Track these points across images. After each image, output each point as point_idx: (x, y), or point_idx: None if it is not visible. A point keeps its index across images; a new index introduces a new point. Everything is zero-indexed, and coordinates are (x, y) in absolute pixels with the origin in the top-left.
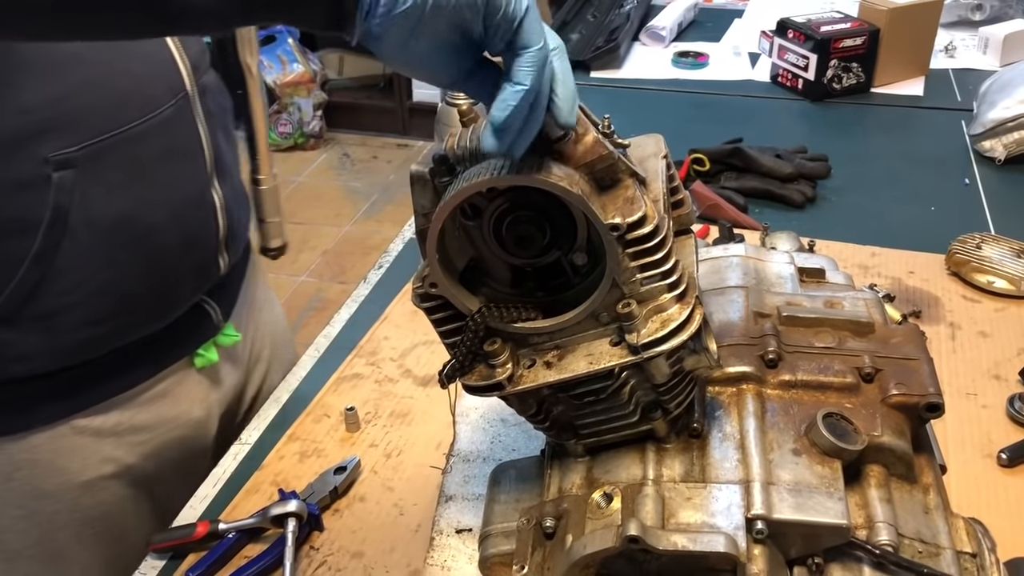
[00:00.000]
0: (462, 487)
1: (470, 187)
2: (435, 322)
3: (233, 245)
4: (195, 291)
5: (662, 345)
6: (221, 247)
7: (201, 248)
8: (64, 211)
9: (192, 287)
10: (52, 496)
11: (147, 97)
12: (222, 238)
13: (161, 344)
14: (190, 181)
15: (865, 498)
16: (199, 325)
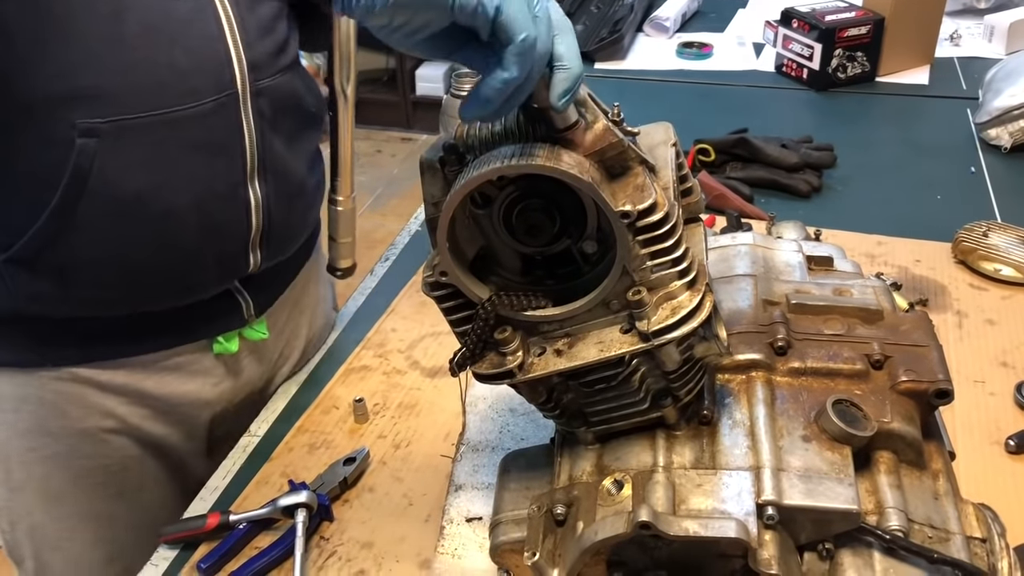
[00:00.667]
0: (472, 476)
1: (481, 175)
2: (445, 311)
3: (272, 245)
4: (219, 281)
5: (673, 332)
6: (254, 244)
7: (228, 241)
8: (83, 175)
9: (216, 276)
10: (53, 435)
11: (186, 89)
12: (255, 236)
13: (180, 321)
14: (221, 175)
15: (875, 484)
16: (226, 313)
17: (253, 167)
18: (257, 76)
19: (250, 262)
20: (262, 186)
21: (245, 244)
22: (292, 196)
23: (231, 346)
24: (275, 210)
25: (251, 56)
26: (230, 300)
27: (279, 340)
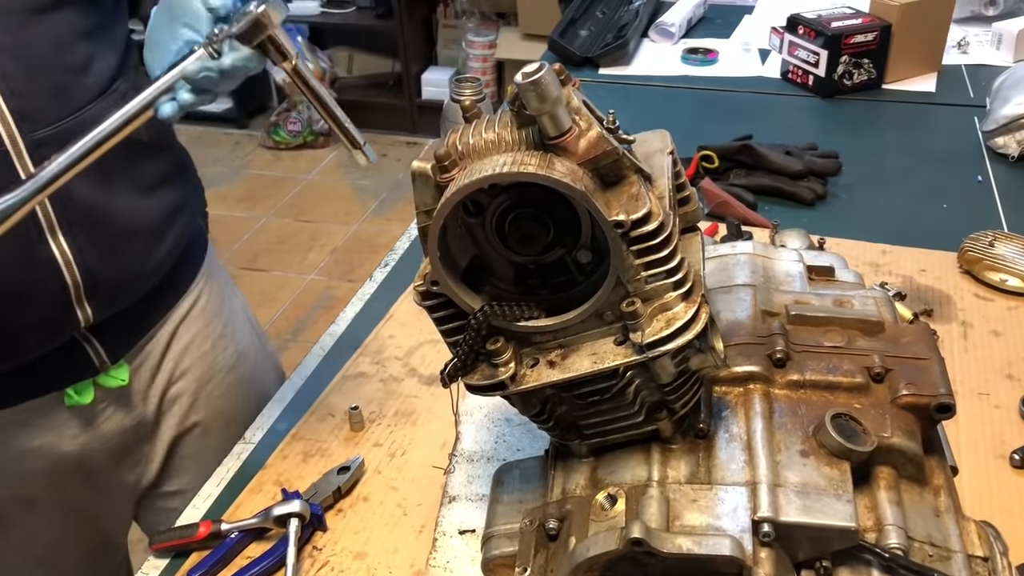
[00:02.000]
0: (466, 487)
1: (472, 183)
2: (437, 321)
3: (104, 296)
4: (45, 342)
5: (667, 344)
6: (78, 300)
7: (39, 304)
8: None
9: (38, 339)
10: None
11: None
12: (75, 292)
13: (18, 378)
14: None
15: (874, 500)
16: (72, 365)
17: (51, 223)
18: (33, 127)
19: (79, 319)
20: (69, 240)
21: (65, 303)
22: (118, 242)
23: (83, 398)
24: (95, 261)
25: (20, 106)
26: (76, 350)
27: (155, 381)
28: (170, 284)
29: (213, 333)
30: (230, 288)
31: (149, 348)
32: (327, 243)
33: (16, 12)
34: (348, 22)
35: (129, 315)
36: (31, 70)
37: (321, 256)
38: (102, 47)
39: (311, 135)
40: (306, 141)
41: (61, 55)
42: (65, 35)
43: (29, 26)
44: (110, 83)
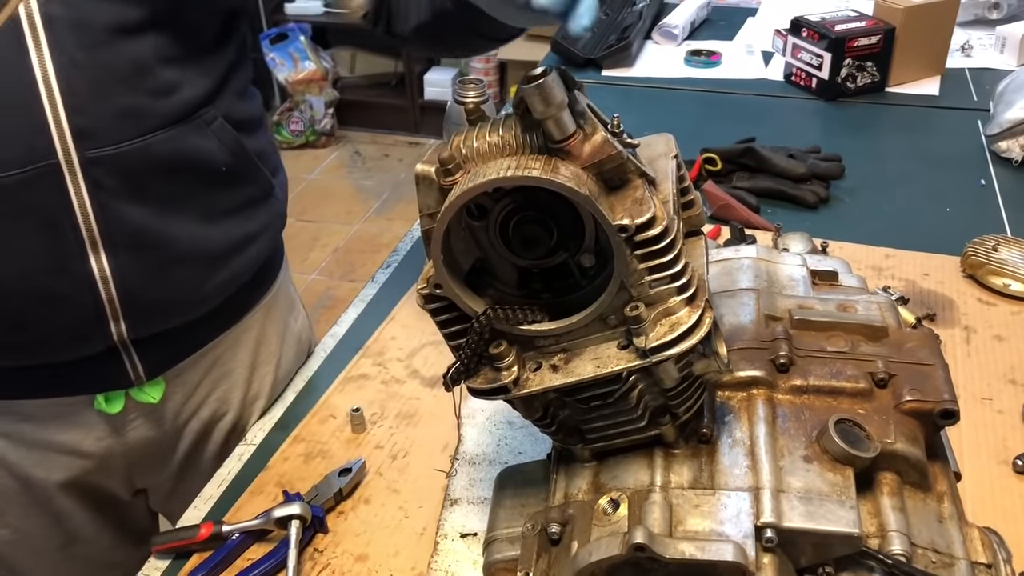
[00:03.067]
0: (468, 490)
1: (476, 187)
2: (440, 324)
3: (138, 316)
4: (74, 350)
5: (671, 349)
6: (114, 316)
7: (70, 313)
8: None
9: (68, 346)
10: None
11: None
12: (107, 309)
13: (50, 375)
14: (47, 248)
15: (877, 506)
16: (107, 372)
17: (93, 240)
18: (91, 145)
19: (111, 332)
20: (110, 259)
21: (97, 317)
22: (166, 265)
23: (112, 407)
24: (135, 281)
25: (80, 123)
26: (114, 360)
27: (190, 401)
28: (224, 311)
29: (257, 361)
30: (293, 312)
31: (189, 370)
32: (329, 243)
33: (97, 30)
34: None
35: (173, 335)
36: (101, 89)
37: (323, 256)
38: (193, 74)
39: (313, 134)
40: (308, 140)
41: (140, 78)
42: (148, 58)
43: (108, 45)
44: (195, 110)
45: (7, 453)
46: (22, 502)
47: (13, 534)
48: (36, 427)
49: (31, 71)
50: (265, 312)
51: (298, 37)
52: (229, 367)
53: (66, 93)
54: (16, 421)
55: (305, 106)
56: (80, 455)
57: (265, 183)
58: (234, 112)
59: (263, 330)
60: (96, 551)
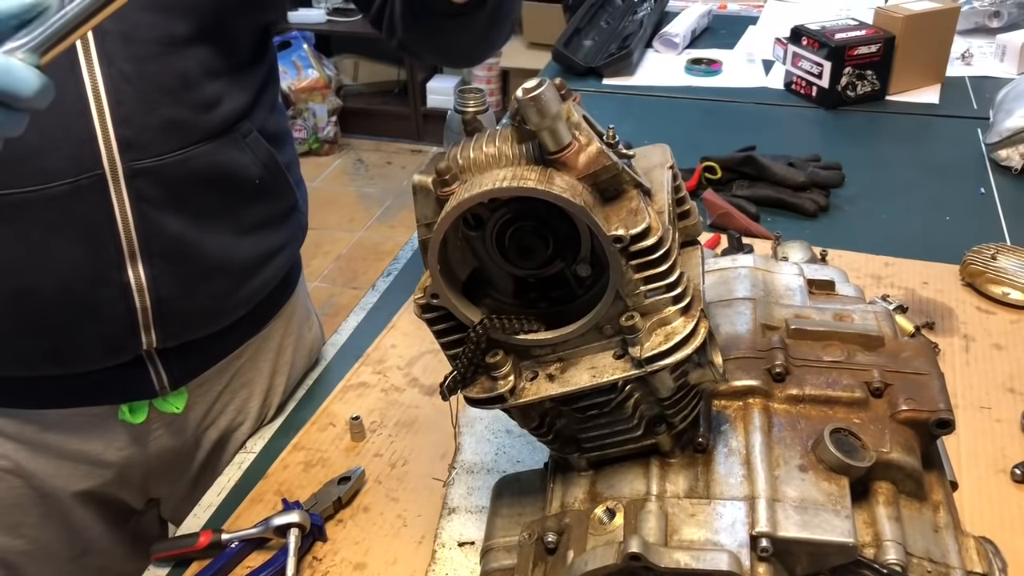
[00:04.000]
0: (465, 499)
1: (472, 197)
2: (437, 333)
3: (170, 326)
4: (104, 358)
5: (666, 359)
6: (145, 326)
7: (105, 322)
8: None
9: (100, 353)
10: None
11: (35, 169)
12: (141, 318)
13: (76, 385)
14: (88, 258)
15: (873, 516)
16: (131, 382)
17: (132, 251)
18: (135, 156)
19: (142, 342)
20: (147, 269)
21: (130, 325)
22: (201, 276)
23: (136, 417)
24: (170, 291)
25: (126, 134)
26: (139, 369)
27: (212, 411)
28: (248, 321)
29: (276, 370)
30: (308, 322)
31: (211, 380)
32: (331, 250)
33: (147, 43)
34: (354, 30)
35: (197, 345)
36: (148, 102)
37: (325, 263)
38: (233, 88)
39: (316, 142)
40: (311, 148)
41: (186, 91)
42: (195, 72)
43: (158, 58)
44: (234, 123)
45: (28, 463)
46: (39, 512)
47: (29, 544)
48: (59, 436)
49: (82, 83)
50: (285, 322)
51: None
52: (249, 377)
53: (114, 105)
54: (39, 431)
55: (308, 114)
56: (101, 465)
57: (291, 196)
58: (267, 126)
59: (282, 340)
60: (108, 561)
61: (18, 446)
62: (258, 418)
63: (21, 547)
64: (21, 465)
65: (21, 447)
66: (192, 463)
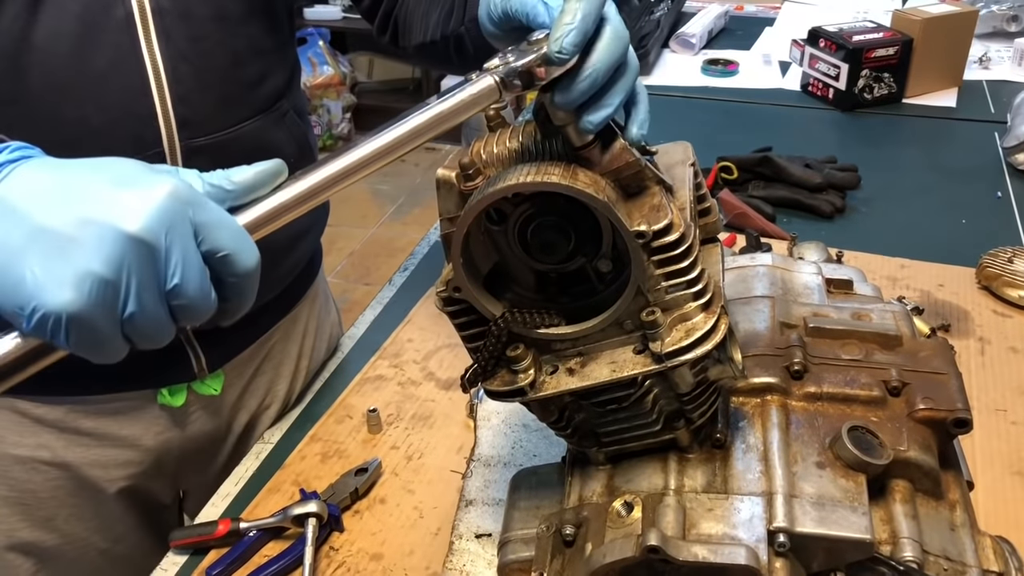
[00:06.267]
0: (482, 491)
1: (496, 192)
2: (458, 326)
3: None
4: None
5: (686, 354)
6: None
7: None
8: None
9: None
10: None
11: (99, 148)
12: None
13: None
14: None
15: (890, 513)
16: (174, 365)
17: None
18: (192, 134)
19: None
20: None
21: None
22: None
23: (176, 400)
24: None
25: (184, 112)
26: (179, 352)
27: (245, 393)
28: (279, 302)
29: (302, 352)
30: (327, 305)
31: (245, 363)
32: (344, 247)
33: (203, 20)
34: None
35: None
36: (204, 79)
37: (338, 259)
38: (275, 66)
39: (331, 139)
40: (325, 145)
41: (236, 68)
42: (244, 49)
43: (211, 36)
44: (275, 101)
45: (66, 453)
46: (74, 504)
47: (60, 538)
48: (99, 422)
49: (143, 62)
50: (310, 305)
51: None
52: (279, 359)
53: (173, 82)
54: (80, 417)
55: (323, 110)
56: (139, 450)
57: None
58: (298, 105)
59: (307, 323)
60: (134, 554)
61: (59, 435)
62: (284, 401)
63: (53, 540)
64: (60, 455)
65: (61, 435)
66: (223, 448)
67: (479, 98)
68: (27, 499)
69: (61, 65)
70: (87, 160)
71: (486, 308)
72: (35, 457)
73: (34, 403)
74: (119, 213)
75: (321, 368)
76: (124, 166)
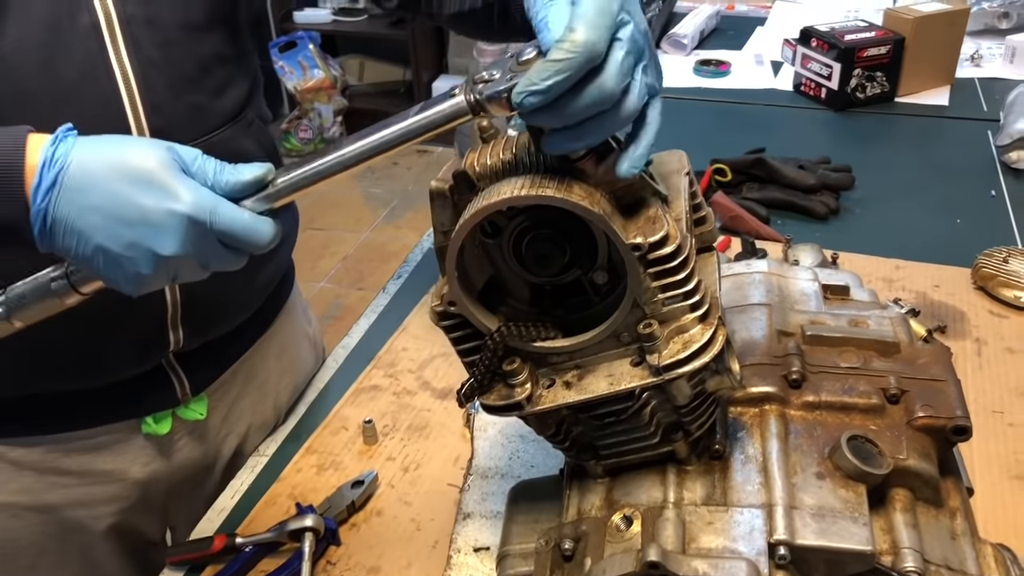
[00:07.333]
0: (480, 504)
1: (491, 205)
2: (454, 341)
3: (195, 323)
4: (138, 362)
5: (684, 367)
6: (173, 323)
7: (143, 318)
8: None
9: (128, 359)
10: None
11: None
12: (172, 314)
13: (104, 399)
14: None
15: (890, 523)
16: (157, 392)
17: None
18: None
19: (169, 341)
20: None
21: (160, 324)
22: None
23: (161, 428)
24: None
25: (158, 122)
26: (161, 377)
27: (227, 419)
28: (257, 318)
29: (283, 368)
30: (306, 316)
31: (228, 383)
32: (338, 251)
33: (170, 27)
34: (360, 30)
35: (214, 347)
36: (174, 87)
37: (332, 264)
38: (237, 74)
39: (322, 142)
40: (317, 149)
41: (203, 76)
42: (208, 57)
43: (179, 43)
44: (240, 110)
45: (48, 495)
46: (57, 551)
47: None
48: (83, 458)
49: (112, 70)
50: (286, 317)
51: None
52: (262, 376)
53: (144, 90)
54: (59, 456)
55: (314, 114)
56: (125, 484)
57: None
58: (262, 113)
59: (285, 336)
60: None
61: (38, 477)
62: (271, 420)
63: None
64: (42, 498)
65: (41, 477)
66: (211, 476)
67: (451, 117)
68: (6, 548)
69: (30, 75)
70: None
71: (481, 322)
72: (14, 503)
73: (9, 447)
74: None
75: (311, 380)
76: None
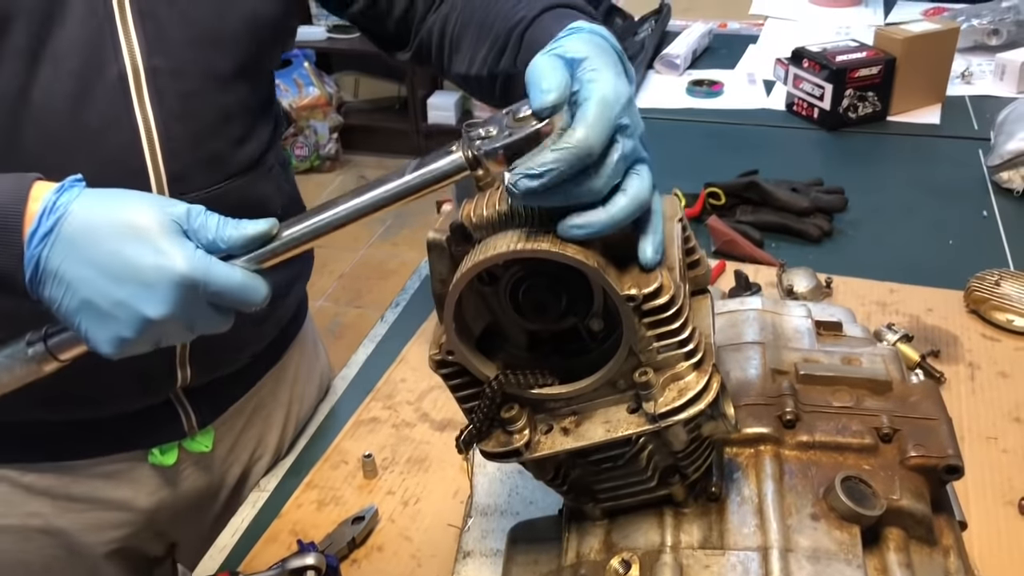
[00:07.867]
0: (480, 543)
1: (486, 260)
2: (452, 388)
3: (202, 361)
4: (143, 397)
5: (680, 414)
6: (181, 361)
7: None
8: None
9: (137, 392)
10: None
11: None
12: (180, 352)
13: (113, 430)
14: None
15: (884, 562)
16: (164, 424)
17: None
18: (182, 189)
19: (177, 378)
20: None
21: (168, 362)
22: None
23: (167, 459)
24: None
25: (175, 168)
26: (169, 411)
27: (236, 446)
28: (267, 354)
29: (292, 399)
30: (316, 349)
31: (235, 416)
32: (335, 269)
33: (194, 78)
34: (354, 47)
35: (224, 381)
36: (194, 136)
37: (329, 282)
38: (260, 122)
39: (318, 159)
40: (313, 166)
41: (224, 125)
42: (233, 107)
43: (202, 94)
44: (261, 156)
45: (59, 519)
46: (66, 571)
47: None
48: (90, 486)
49: (135, 120)
50: (298, 351)
51: (302, 63)
52: (269, 409)
53: (164, 140)
54: (69, 483)
55: (310, 131)
56: (132, 511)
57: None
58: (281, 158)
59: (296, 369)
60: None
61: (51, 501)
62: (276, 451)
63: None
64: (53, 522)
65: (52, 502)
66: (216, 502)
67: (449, 173)
68: (18, 571)
69: (57, 121)
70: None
71: (480, 370)
72: (27, 526)
73: (22, 471)
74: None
75: (314, 411)
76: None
